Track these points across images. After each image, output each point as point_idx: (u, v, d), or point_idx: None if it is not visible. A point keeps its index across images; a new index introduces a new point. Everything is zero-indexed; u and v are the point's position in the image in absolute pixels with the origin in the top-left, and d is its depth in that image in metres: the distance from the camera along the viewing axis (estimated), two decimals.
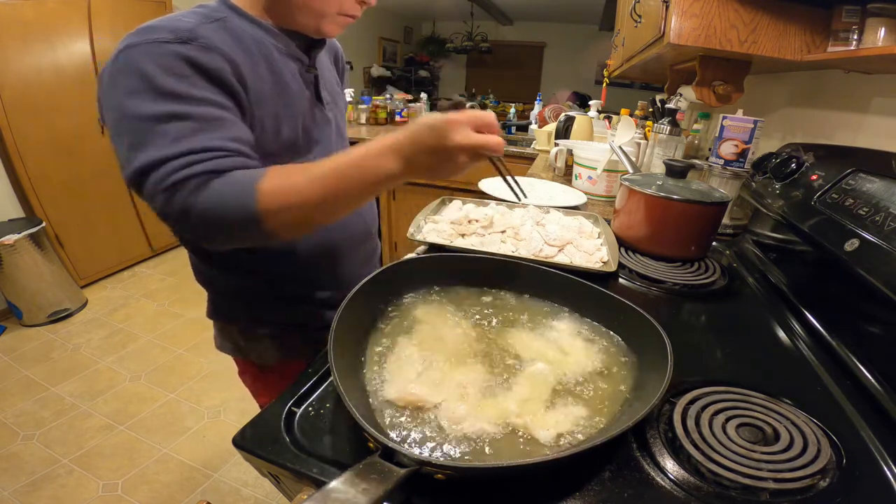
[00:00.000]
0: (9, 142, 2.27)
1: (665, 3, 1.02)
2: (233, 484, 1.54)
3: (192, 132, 0.51)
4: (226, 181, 0.51)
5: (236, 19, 0.62)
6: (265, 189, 0.50)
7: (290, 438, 0.43)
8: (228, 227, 0.51)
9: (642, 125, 1.63)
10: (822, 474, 0.41)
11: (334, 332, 0.47)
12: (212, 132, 0.53)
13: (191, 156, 0.50)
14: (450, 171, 0.52)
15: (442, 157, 0.50)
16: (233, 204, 0.50)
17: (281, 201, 0.51)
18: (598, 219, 1.02)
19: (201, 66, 0.54)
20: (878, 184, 0.65)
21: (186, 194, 0.50)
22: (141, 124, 0.51)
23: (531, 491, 0.40)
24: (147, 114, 0.51)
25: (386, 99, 3.47)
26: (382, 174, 0.52)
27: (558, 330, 0.60)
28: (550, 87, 6.10)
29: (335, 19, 0.66)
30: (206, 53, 0.55)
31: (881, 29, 0.74)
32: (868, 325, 0.59)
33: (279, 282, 0.76)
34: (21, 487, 1.47)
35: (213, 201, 0.50)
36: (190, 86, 0.53)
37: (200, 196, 0.50)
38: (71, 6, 2.44)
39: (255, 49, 0.62)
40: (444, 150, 0.50)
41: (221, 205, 0.50)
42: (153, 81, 0.51)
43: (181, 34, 0.54)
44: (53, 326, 2.34)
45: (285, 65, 0.66)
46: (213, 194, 0.50)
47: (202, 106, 0.53)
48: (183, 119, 0.51)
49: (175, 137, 0.50)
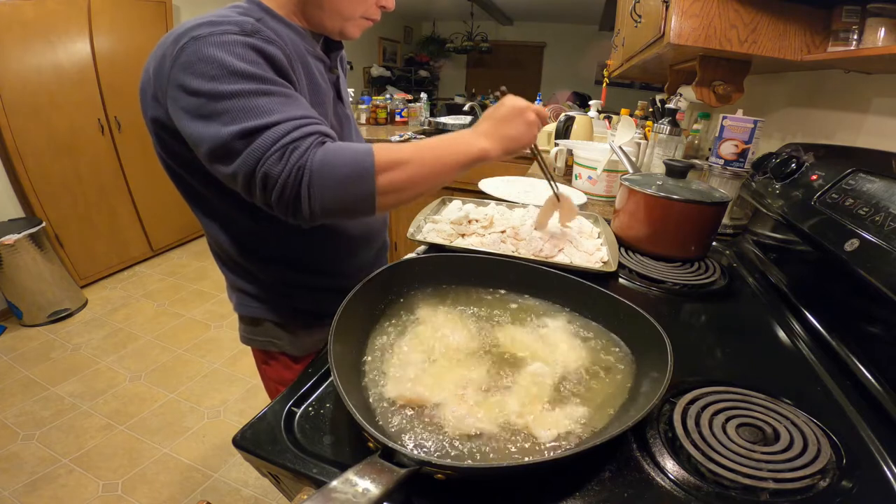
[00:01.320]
0: (9, 142, 2.27)
1: (665, 3, 1.02)
2: (233, 484, 1.54)
3: (283, 105, 0.54)
4: (341, 145, 0.54)
5: (271, 21, 0.64)
6: (379, 149, 0.55)
7: (290, 438, 0.43)
8: (343, 181, 0.53)
9: (642, 125, 1.63)
10: (822, 474, 0.41)
11: (334, 331, 0.47)
12: (299, 106, 0.56)
13: (298, 120, 0.53)
14: (527, 131, 0.65)
15: (516, 118, 0.64)
16: (352, 159, 0.53)
17: (395, 157, 0.55)
18: (598, 219, 1.02)
19: (267, 55, 0.57)
20: (878, 184, 0.65)
21: (305, 149, 0.52)
22: (229, 101, 0.52)
23: (531, 491, 0.40)
24: (233, 91, 0.52)
25: (386, 99, 3.48)
26: (475, 148, 0.62)
27: (558, 330, 0.60)
28: (550, 87, 6.09)
29: (357, 22, 0.69)
30: (270, 45, 0.57)
31: (881, 29, 0.74)
32: (868, 325, 0.59)
33: (309, 273, 0.78)
34: (21, 487, 1.47)
35: (332, 157, 0.53)
36: (264, 71, 0.56)
37: (319, 152, 0.52)
38: (71, 6, 2.44)
39: (292, 49, 0.64)
40: (516, 112, 0.64)
41: (341, 160, 0.53)
42: (232, 66, 0.53)
43: (245, 27, 0.56)
44: (53, 326, 2.34)
45: (315, 65, 0.69)
46: (331, 152, 0.53)
47: (280, 86, 0.56)
48: (269, 95, 0.54)
49: (269, 109, 0.53)
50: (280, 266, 0.76)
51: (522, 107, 0.64)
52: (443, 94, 6.86)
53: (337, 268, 0.80)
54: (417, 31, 6.92)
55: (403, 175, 0.56)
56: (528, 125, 0.65)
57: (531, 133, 0.66)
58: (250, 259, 0.76)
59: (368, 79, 5.68)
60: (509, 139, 0.64)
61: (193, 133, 0.54)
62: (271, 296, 0.79)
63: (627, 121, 1.43)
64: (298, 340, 0.83)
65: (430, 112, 3.59)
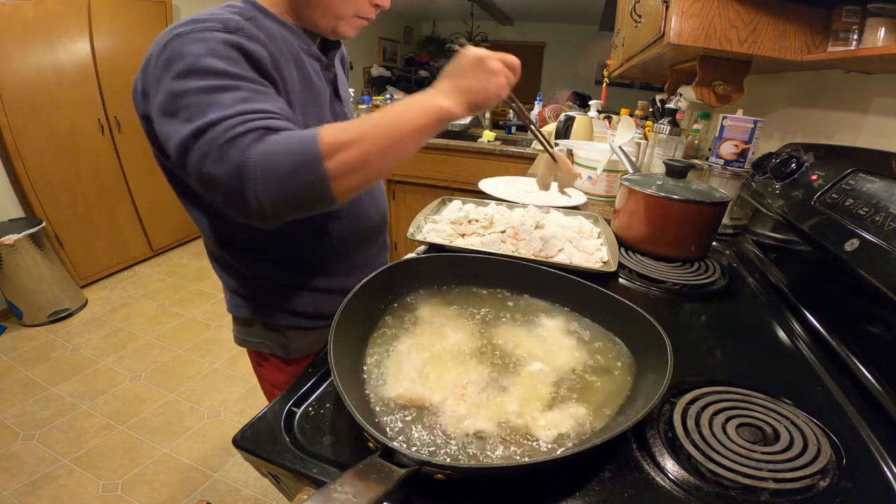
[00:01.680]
0: (9, 142, 2.27)
1: (665, 3, 1.02)
2: (233, 484, 1.54)
3: (244, 100, 0.52)
4: (283, 135, 0.51)
5: (264, 19, 0.64)
6: (325, 131, 0.51)
7: (290, 438, 0.43)
8: (287, 173, 0.49)
9: (642, 125, 1.63)
10: (822, 474, 0.41)
11: (334, 331, 0.47)
12: (263, 101, 0.54)
13: (246, 115, 0.51)
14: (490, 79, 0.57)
15: (476, 67, 0.57)
16: (295, 147, 0.50)
17: (342, 137, 0.51)
18: (598, 219, 1.02)
19: (247, 53, 0.56)
20: (878, 184, 0.65)
21: (244, 147, 0.49)
22: (194, 97, 0.51)
23: (531, 491, 0.40)
24: (199, 87, 0.51)
25: (386, 99, 3.48)
26: (434, 108, 0.55)
27: (558, 330, 0.60)
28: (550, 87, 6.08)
29: (351, 21, 0.68)
30: (252, 42, 0.57)
31: (881, 29, 0.74)
32: (868, 325, 0.59)
33: (304, 273, 0.77)
34: (21, 487, 1.47)
35: (272, 150, 0.49)
36: (239, 68, 0.55)
37: (258, 148, 0.49)
38: (71, 6, 2.44)
39: (285, 47, 0.64)
40: (475, 61, 0.57)
41: (283, 151, 0.49)
42: (203, 63, 0.52)
43: (229, 24, 0.56)
44: (53, 326, 2.34)
45: (309, 63, 0.69)
46: (272, 144, 0.49)
47: (251, 82, 0.55)
48: (234, 90, 0.52)
49: (228, 104, 0.51)
50: (270, 265, 0.75)
51: (482, 55, 0.57)
52: None
53: (330, 268, 0.79)
54: (417, 31, 6.92)
55: (357, 152, 0.51)
56: (491, 73, 0.57)
57: (496, 81, 0.58)
58: (240, 258, 0.75)
59: (368, 79, 5.68)
60: (471, 92, 0.57)
61: (161, 131, 0.54)
62: (262, 296, 0.78)
63: (627, 121, 1.43)
64: (291, 342, 0.81)
65: None
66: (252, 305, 0.79)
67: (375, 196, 0.83)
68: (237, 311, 0.81)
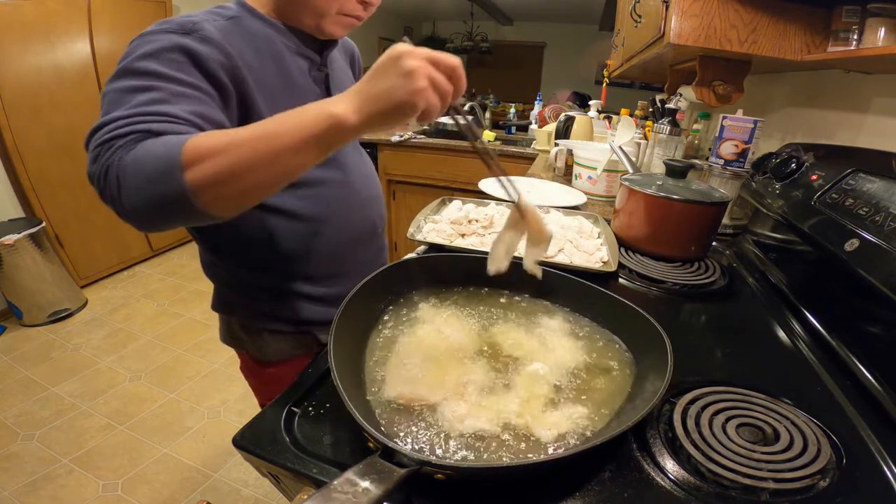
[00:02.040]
0: (9, 142, 2.27)
1: (665, 3, 1.02)
2: (233, 484, 1.54)
3: (153, 101, 0.50)
4: (158, 140, 0.46)
5: (249, 18, 0.64)
6: (194, 139, 0.45)
7: (290, 438, 0.43)
8: (146, 181, 0.45)
9: (642, 125, 1.63)
10: (822, 474, 0.41)
11: (334, 331, 0.47)
12: (174, 104, 0.51)
13: (141, 117, 0.48)
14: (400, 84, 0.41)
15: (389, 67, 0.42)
16: (157, 154, 0.45)
17: (207, 146, 0.44)
18: (598, 219, 1.02)
19: (194, 55, 0.55)
20: (878, 184, 0.65)
21: (116, 149, 0.46)
22: (113, 95, 0.51)
23: (531, 491, 0.40)
24: (122, 87, 0.51)
25: None
26: (323, 115, 0.43)
27: (558, 330, 0.60)
28: (550, 87, 6.09)
29: (337, 19, 0.67)
30: (203, 44, 0.56)
31: (881, 29, 0.74)
32: (868, 325, 0.59)
33: (283, 278, 0.76)
34: (21, 487, 1.47)
35: (140, 155, 0.45)
36: (174, 69, 0.53)
37: (130, 152, 0.46)
38: (71, 6, 2.44)
39: (266, 47, 0.64)
40: (390, 60, 0.42)
41: (148, 157, 0.45)
42: (137, 64, 0.52)
43: (185, 26, 0.56)
44: (53, 326, 2.34)
45: (294, 62, 0.68)
46: (142, 149, 0.45)
47: (176, 84, 0.52)
48: (151, 91, 0.51)
49: (134, 104, 0.49)
50: (248, 269, 0.75)
51: (399, 51, 0.42)
52: None
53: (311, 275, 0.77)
54: (417, 31, 6.92)
55: (222, 163, 0.44)
56: (405, 76, 0.41)
57: (408, 86, 0.41)
58: (222, 259, 0.75)
59: None
60: (374, 98, 0.43)
61: None
62: (240, 298, 0.78)
63: (627, 121, 1.43)
64: (266, 346, 0.81)
65: None
66: (230, 306, 0.80)
67: (363, 203, 0.81)
68: (218, 308, 0.82)
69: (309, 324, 0.80)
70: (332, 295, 0.80)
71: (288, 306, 0.78)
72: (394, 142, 2.66)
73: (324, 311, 0.80)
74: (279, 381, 0.84)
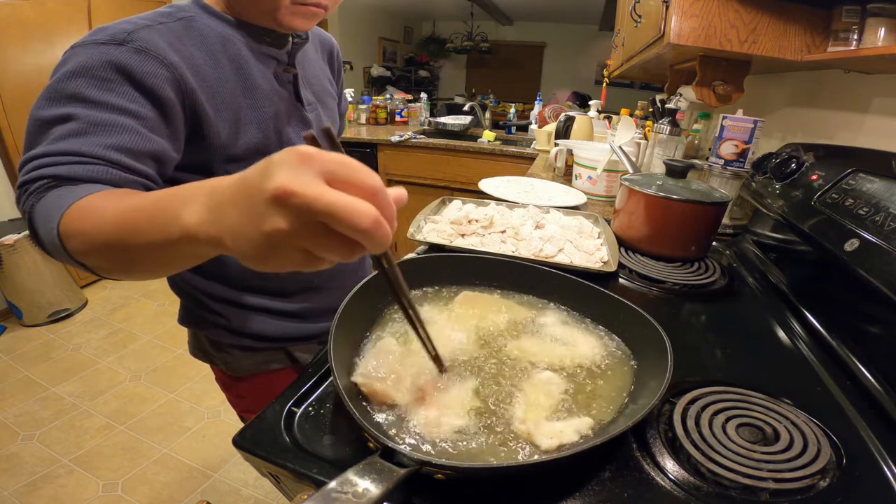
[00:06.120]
0: (9, 142, 2.27)
1: (665, 3, 1.02)
2: (233, 484, 1.54)
3: (72, 134, 0.48)
4: (60, 191, 0.45)
5: (205, 17, 0.60)
6: (75, 207, 0.42)
7: (290, 438, 0.43)
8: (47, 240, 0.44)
9: (642, 125, 1.63)
10: (822, 474, 0.41)
11: (334, 332, 0.47)
12: (92, 136, 0.48)
13: (50, 157, 0.47)
14: (266, 249, 0.27)
15: (250, 214, 0.27)
16: (48, 216, 0.43)
17: (79, 224, 0.41)
18: (598, 219, 1.02)
19: (126, 70, 0.51)
20: (878, 184, 0.65)
21: (28, 195, 0.47)
22: (33, 126, 0.50)
23: (531, 491, 0.40)
24: (45, 117, 0.49)
25: (386, 99, 3.48)
26: (176, 226, 0.32)
27: (558, 330, 0.60)
28: (550, 87, 6.10)
29: (293, 9, 0.60)
30: (138, 56, 0.52)
31: (881, 29, 0.74)
32: (868, 325, 0.59)
33: (249, 293, 0.74)
34: (21, 487, 1.47)
35: (42, 209, 0.44)
36: (100, 91, 0.50)
37: (39, 200, 0.45)
38: (71, 6, 2.44)
39: (220, 48, 0.60)
40: (254, 200, 0.26)
41: (44, 216, 0.44)
42: (63, 85, 0.50)
43: (118, 36, 0.52)
44: (53, 326, 2.35)
45: (255, 64, 0.64)
46: (42, 205, 0.45)
47: (99, 110, 0.49)
48: (69, 121, 0.48)
49: (55, 138, 0.48)
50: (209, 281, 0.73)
51: (277, 193, 0.25)
52: (443, 94, 6.86)
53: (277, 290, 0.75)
54: (417, 31, 6.92)
55: (93, 242, 0.40)
56: (266, 236, 0.26)
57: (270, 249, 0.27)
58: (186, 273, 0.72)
59: (368, 79, 5.68)
60: (226, 229, 0.29)
61: None
62: (205, 312, 0.75)
63: (627, 121, 1.43)
64: (234, 360, 0.79)
65: (430, 112, 3.59)
66: (196, 321, 0.78)
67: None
68: (185, 322, 0.80)
69: (281, 340, 0.78)
70: (308, 310, 0.78)
71: (257, 322, 0.75)
72: (394, 142, 2.66)
73: (298, 328, 0.78)
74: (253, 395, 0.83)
